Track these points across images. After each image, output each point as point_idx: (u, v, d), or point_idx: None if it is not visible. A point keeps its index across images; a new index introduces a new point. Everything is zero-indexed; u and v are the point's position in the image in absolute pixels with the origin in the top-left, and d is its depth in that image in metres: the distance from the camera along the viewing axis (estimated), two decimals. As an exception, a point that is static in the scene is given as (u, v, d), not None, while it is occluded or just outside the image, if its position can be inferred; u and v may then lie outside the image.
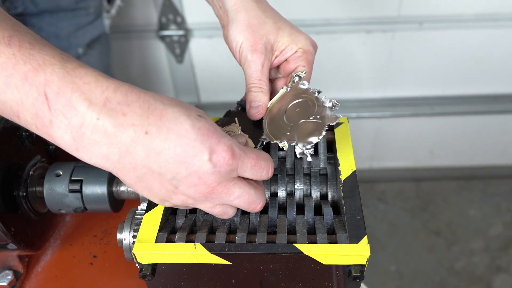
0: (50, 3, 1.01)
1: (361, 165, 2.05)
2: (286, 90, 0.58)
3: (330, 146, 0.62)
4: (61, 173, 0.60)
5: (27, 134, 0.62)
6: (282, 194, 0.57)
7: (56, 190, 0.59)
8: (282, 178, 0.58)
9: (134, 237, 0.55)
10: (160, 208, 0.53)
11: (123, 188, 0.61)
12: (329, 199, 0.57)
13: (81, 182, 0.60)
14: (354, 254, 0.47)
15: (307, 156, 0.51)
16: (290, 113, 0.55)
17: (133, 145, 0.40)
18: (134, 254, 0.49)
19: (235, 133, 0.57)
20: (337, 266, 0.49)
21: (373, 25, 1.57)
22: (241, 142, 0.51)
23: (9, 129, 0.59)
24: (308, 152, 0.51)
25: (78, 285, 0.68)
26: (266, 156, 0.48)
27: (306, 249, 0.48)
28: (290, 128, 0.53)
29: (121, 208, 0.65)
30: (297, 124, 0.53)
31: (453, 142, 1.94)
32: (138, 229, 0.52)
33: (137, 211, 0.56)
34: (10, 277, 0.66)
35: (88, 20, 1.09)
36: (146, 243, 0.49)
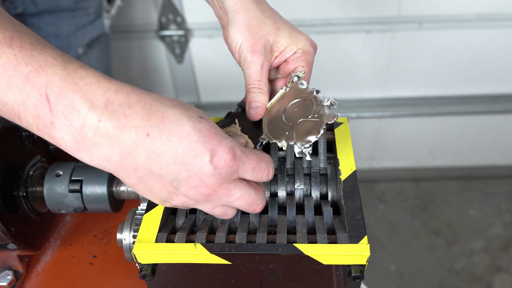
0: (50, 3, 1.01)
1: (361, 165, 2.05)
2: (285, 91, 0.58)
3: (330, 146, 0.62)
4: (61, 173, 0.60)
5: (27, 134, 0.62)
6: (282, 194, 0.57)
7: (56, 190, 0.59)
8: (282, 178, 0.58)
9: (134, 237, 0.55)
10: (160, 208, 0.53)
11: (123, 188, 0.61)
12: (329, 199, 0.57)
13: (81, 182, 0.60)
14: (354, 254, 0.47)
15: (306, 155, 0.51)
16: (289, 112, 0.55)
17: (134, 147, 0.40)
18: (134, 254, 0.49)
19: (235, 134, 0.57)
20: (337, 266, 0.49)
21: (373, 25, 1.57)
22: (240, 143, 0.51)
23: (9, 129, 0.59)
24: (307, 151, 0.51)
25: (78, 285, 0.68)
26: (267, 157, 0.48)
27: (306, 249, 0.48)
28: (289, 127, 0.53)
29: (121, 208, 0.65)
30: (295, 123, 0.53)
31: (453, 142, 1.94)
32: (138, 229, 0.52)
33: (137, 211, 0.56)
34: (10, 277, 0.66)
35: (88, 20, 1.09)
36: (146, 243, 0.49)
